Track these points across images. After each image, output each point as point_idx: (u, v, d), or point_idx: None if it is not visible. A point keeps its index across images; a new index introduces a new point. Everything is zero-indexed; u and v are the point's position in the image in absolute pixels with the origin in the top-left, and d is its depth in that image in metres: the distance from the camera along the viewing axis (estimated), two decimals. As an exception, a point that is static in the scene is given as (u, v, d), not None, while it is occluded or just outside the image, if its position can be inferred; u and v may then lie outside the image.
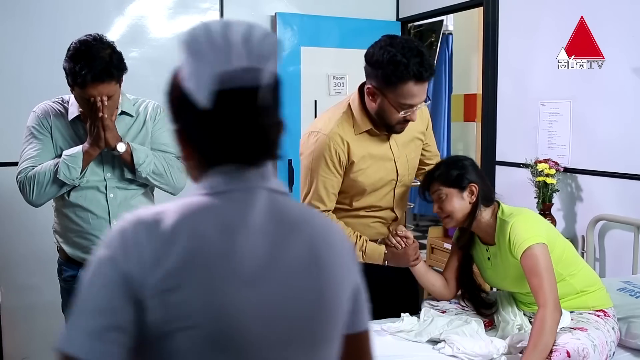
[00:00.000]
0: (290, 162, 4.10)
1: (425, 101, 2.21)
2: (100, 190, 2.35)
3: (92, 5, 3.62)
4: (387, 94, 2.15)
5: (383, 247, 2.37)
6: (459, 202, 2.20)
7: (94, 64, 2.15)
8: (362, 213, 2.41)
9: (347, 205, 2.38)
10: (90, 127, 2.24)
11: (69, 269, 2.41)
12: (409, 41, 2.14)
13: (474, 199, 2.19)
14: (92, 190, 2.34)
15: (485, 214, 2.21)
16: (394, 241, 2.34)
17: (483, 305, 2.34)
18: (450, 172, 2.21)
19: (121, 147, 2.28)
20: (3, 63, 3.47)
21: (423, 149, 2.53)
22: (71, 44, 2.23)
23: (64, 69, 2.22)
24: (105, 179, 2.35)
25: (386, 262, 2.37)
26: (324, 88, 4.22)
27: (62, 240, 2.41)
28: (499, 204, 2.25)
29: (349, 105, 2.32)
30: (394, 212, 2.47)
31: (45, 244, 3.59)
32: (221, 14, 3.97)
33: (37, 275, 3.58)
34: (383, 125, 2.27)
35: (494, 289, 2.56)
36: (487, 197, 2.22)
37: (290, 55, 4.09)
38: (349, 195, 2.37)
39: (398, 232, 2.36)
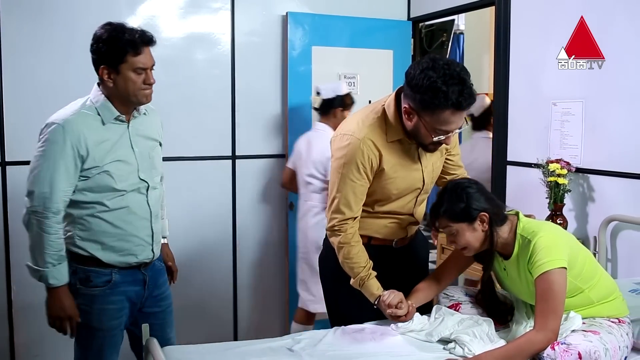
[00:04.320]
0: (300, 161, 4.11)
1: (460, 127, 2.19)
2: (141, 192, 2.37)
3: (104, 4, 3.64)
4: (423, 117, 2.13)
5: (378, 293, 2.30)
6: (472, 235, 2.13)
7: (139, 30, 2.31)
8: (380, 215, 2.41)
9: (370, 208, 2.37)
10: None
11: (102, 274, 2.35)
12: (451, 66, 2.07)
13: (487, 227, 2.12)
14: (133, 193, 2.35)
15: (501, 232, 2.15)
16: (385, 305, 2.27)
17: (499, 314, 2.33)
18: (455, 206, 2.12)
19: None
20: (16, 63, 3.49)
21: (447, 158, 2.52)
22: (98, 32, 2.29)
23: (104, 52, 2.26)
24: (145, 181, 2.38)
25: (375, 306, 2.33)
26: (335, 87, 4.21)
27: (94, 247, 2.33)
28: (517, 217, 2.19)
29: (384, 110, 2.29)
30: (413, 216, 2.47)
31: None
32: (232, 14, 3.97)
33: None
34: (417, 142, 2.26)
35: None
36: (499, 218, 2.15)
37: (301, 54, 4.10)
38: (373, 200, 2.36)
39: (390, 302, 2.26)
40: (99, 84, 2.35)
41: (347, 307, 2.42)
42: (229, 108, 4.01)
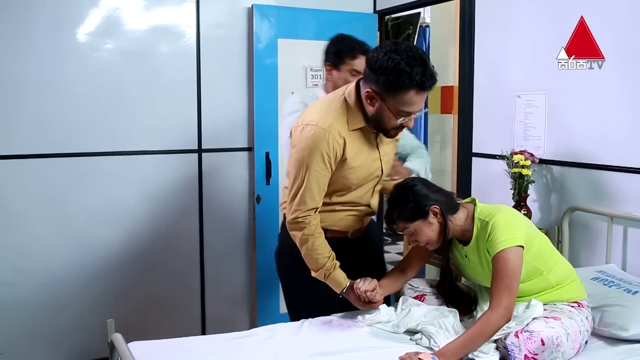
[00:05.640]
0: (267, 154, 4.09)
1: (423, 109, 2.22)
2: None
3: (65, -4, 3.57)
4: (387, 100, 2.15)
5: (346, 282, 2.33)
6: (429, 229, 2.19)
7: (361, 41, 2.84)
8: (338, 207, 2.41)
9: (327, 199, 2.36)
10: None
11: None
12: (413, 49, 2.13)
13: (441, 217, 2.18)
14: None
15: (457, 220, 2.21)
16: (360, 292, 2.29)
17: (464, 304, 2.36)
18: (406, 207, 2.18)
19: None
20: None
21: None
22: (332, 38, 2.89)
23: (330, 52, 2.83)
24: None
25: (341, 295, 2.35)
26: (301, 80, 4.20)
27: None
28: (474, 204, 2.24)
29: (345, 99, 2.29)
30: (370, 207, 2.48)
31: (18, 239, 3.56)
32: (197, 6, 3.93)
33: (11, 271, 3.54)
34: (378, 128, 2.28)
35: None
36: (451, 206, 2.21)
37: (267, 47, 4.07)
38: (332, 190, 2.35)
39: (366, 288, 2.29)
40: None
41: (312, 300, 2.43)
42: (194, 101, 3.98)
